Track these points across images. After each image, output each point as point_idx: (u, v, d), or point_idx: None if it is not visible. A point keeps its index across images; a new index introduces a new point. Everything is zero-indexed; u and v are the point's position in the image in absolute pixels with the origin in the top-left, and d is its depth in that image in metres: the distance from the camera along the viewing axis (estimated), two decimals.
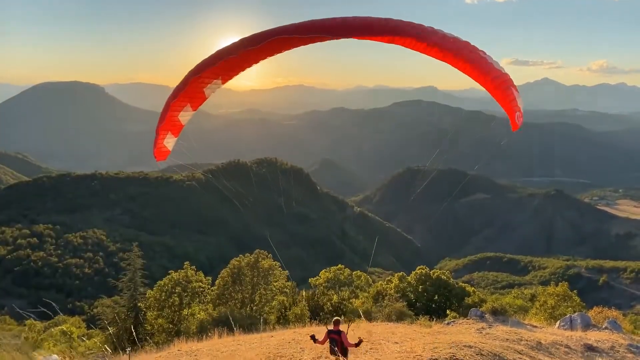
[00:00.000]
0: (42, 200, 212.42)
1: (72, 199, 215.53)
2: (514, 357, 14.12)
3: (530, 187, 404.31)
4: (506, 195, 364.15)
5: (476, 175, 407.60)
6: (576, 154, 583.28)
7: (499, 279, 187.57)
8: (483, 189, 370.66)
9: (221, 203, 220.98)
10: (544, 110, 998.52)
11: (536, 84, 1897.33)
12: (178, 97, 7.64)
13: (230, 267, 36.43)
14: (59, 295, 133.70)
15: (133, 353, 16.88)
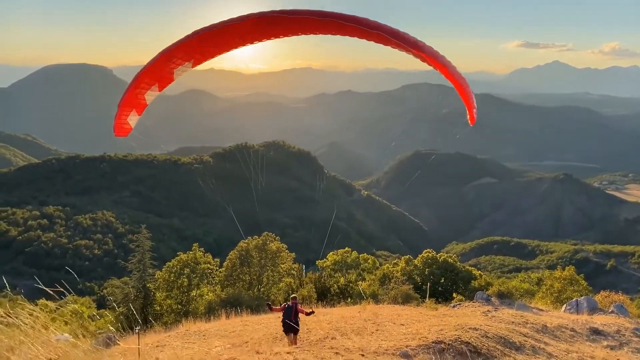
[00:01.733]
0: (51, 182, 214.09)
1: (82, 181, 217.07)
2: (520, 339, 14.20)
3: (539, 172, 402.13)
4: (514, 179, 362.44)
5: (484, 159, 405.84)
6: (586, 138, 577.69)
7: (505, 263, 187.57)
8: (491, 173, 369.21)
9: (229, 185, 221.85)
10: (555, 93, 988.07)
11: (547, 67, 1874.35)
12: (147, 75, 7.49)
13: (238, 249, 36.73)
14: (69, 276, 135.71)
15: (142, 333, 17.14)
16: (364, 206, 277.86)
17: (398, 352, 11.74)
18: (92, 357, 4.48)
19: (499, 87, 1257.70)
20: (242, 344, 13.02)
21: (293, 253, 39.32)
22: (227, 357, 10.50)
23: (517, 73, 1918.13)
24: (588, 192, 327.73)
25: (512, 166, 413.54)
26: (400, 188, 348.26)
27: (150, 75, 7.34)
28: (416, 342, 12.68)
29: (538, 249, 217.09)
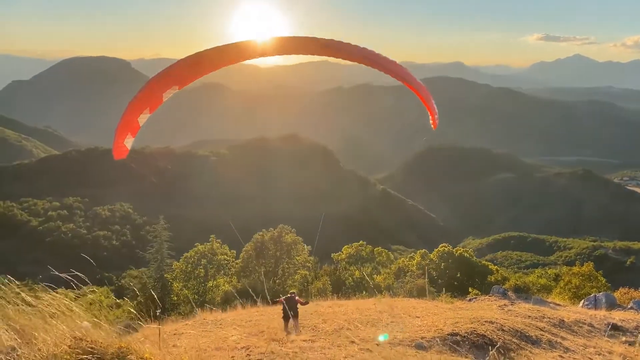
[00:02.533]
0: (71, 173, 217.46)
1: (100, 172, 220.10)
2: (536, 333, 14.12)
3: (558, 167, 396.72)
4: (532, 174, 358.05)
5: (502, 153, 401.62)
6: (607, 133, 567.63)
7: (522, 259, 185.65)
8: (508, 168, 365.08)
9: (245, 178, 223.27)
10: (575, 87, 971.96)
11: (567, 61, 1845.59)
12: (140, 101, 8.47)
13: (254, 240, 37.01)
14: (88, 266, 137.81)
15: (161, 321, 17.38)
16: (379, 200, 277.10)
17: (413, 344, 11.77)
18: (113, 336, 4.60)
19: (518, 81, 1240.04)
20: (258, 333, 13.16)
21: (309, 246, 39.52)
22: (243, 345, 10.63)
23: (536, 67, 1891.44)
24: (608, 187, 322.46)
25: (530, 161, 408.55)
26: (416, 182, 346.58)
27: (142, 101, 8.34)
28: (431, 334, 12.69)
29: (556, 245, 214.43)
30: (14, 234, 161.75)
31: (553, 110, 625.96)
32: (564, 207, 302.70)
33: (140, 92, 8.51)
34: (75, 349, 4.16)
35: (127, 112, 8.47)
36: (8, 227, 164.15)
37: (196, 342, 11.79)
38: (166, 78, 8.65)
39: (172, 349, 6.58)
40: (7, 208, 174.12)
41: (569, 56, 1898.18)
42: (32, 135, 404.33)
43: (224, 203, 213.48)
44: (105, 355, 4.17)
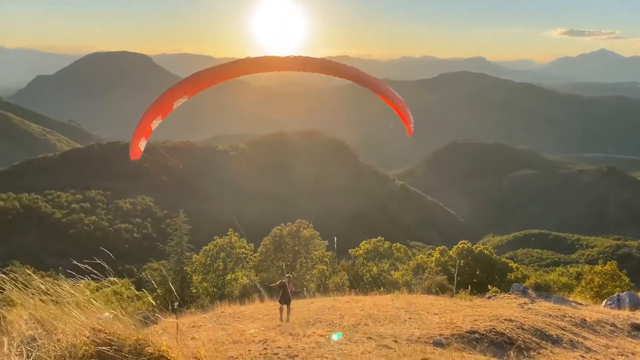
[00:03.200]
0: (93, 166, 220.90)
1: (122, 166, 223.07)
2: (557, 333, 13.90)
3: (581, 163, 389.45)
4: (555, 171, 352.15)
5: (524, 150, 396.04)
6: (632, 130, 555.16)
7: (543, 257, 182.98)
8: (530, 165, 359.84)
9: (264, 173, 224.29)
10: (600, 83, 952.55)
11: (592, 56, 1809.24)
12: (155, 109, 9.86)
13: (272, 234, 37.17)
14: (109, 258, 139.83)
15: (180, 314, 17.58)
16: (398, 196, 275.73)
17: (431, 340, 11.68)
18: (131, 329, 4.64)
19: (541, 76, 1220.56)
20: (275, 326, 13.21)
21: (326, 241, 39.53)
22: (261, 338, 10.68)
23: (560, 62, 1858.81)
24: (633, 185, 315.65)
25: (552, 158, 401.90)
26: (436, 178, 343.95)
27: (157, 109, 9.77)
28: (449, 331, 12.58)
29: (578, 243, 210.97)
30: (38, 226, 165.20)
31: (576, 106, 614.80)
32: (586, 204, 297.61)
33: (154, 103, 9.79)
34: (94, 340, 4.20)
35: (143, 119, 9.74)
36: (33, 219, 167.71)
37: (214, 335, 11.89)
38: (177, 90, 10.02)
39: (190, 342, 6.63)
40: (32, 200, 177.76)
41: (594, 51, 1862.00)
42: (56, 129, 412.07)
43: (242, 197, 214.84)
44: (123, 347, 4.21)
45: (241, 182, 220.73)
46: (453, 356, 9.83)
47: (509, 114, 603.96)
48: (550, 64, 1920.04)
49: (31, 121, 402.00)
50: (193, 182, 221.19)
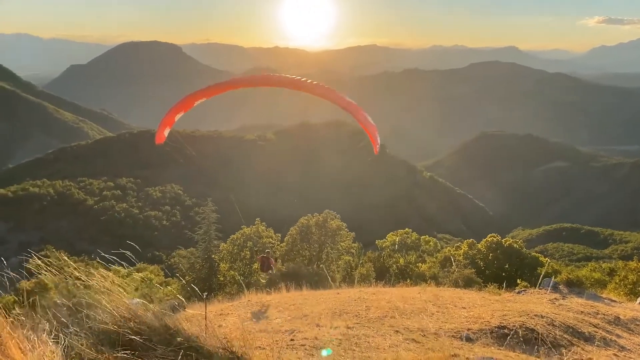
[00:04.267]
0: (124, 154, 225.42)
1: (152, 154, 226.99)
2: (589, 330, 13.56)
3: (617, 156, 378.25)
4: (588, 164, 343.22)
5: (557, 141, 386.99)
6: None
7: (575, 251, 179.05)
8: (563, 157, 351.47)
9: (290, 163, 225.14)
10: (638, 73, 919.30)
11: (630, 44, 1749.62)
12: (180, 106, 11.89)
13: (299, 225, 37.30)
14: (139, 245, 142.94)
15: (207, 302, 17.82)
16: (426, 188, 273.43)
17: (459, 335, 11.54)
18: (161, 319, 4.68)
19: (576, 65, 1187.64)
20: (301, 316, 13.24)
21: (353, 232, 39.47)
22: (287, 328, 10.72)
23: (596, 51, 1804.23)
24: None
25: (586, 150, 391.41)
26: (465, 170, 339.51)
27: (181, 106, 11.80)
28: (478, 326, 12.40)
29: (611, 238, 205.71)
30: (71, 213, 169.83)
31: (613, 97, 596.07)
32: (621, 198, 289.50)
33: (180, 101, 11.77)
34: (125, 329, 4.26)
35: (169, 112, 11.65)
36: (66, 206, 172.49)
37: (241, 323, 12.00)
38: (199, 94, 12.12)
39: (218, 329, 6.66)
40: (66, 187, 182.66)
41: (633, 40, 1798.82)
42: (88, 117, 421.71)
43: (269, 187, 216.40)
44: (153, 336, 4.25)
45: (268, 172, 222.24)
46: (481, 352, 9.69)
47: (541, 105, 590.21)
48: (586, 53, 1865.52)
49: (65, 110, 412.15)
50: (221, 171, 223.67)
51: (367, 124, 12.27)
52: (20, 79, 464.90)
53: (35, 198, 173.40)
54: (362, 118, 12.25)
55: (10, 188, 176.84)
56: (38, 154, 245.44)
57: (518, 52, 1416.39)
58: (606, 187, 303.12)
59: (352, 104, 12.46)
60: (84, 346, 4.03)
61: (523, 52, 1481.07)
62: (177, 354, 4.19)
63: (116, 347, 4.12)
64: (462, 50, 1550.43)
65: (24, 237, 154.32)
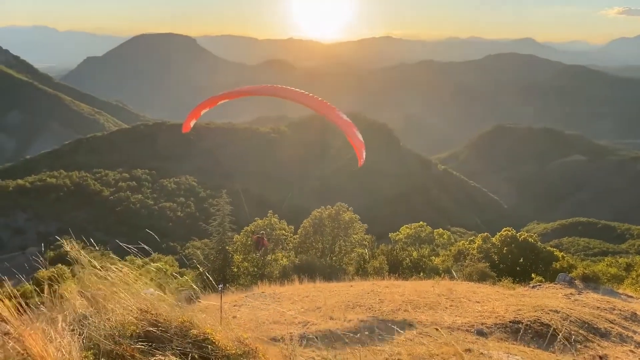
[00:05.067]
0: (139, 146, 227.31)
1: (167, 146, 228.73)
2: (605, 326, 13.43)
3: (635, 150, 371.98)
4: (606, 157, 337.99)
5: (574, 135, 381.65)
6: None
7: (591, 246, 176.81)
8: (580, 150, 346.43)
9: (304, 155, 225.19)
10: None
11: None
12: (206, 104, 13.36)
13: (312, 217, 37.37)
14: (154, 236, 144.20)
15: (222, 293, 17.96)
16: (440, 181, 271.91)
17: (473, 329, 11.50)
18: (176, 310, 4.73)
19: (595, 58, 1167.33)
20: (315, 309, 13.29)
21: (365, 224, 39.44)
22: (301, 320, 10.77)
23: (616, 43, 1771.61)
24: None
25: (604, 143, 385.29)
26: (480, 163, 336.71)
27: (206, 104, 13.24)
28: (492, 321, 12.35)
29: (628, 233, 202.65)
30: (88, 203, 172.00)
31: (632, 90, 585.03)
32: (639, 192, 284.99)
33: (207, 100, 13.37)
34: (142, 321, 4.31)
35: (197, 107, 13.28)
36: (83, 196, 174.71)
37: (255, 314, 12.08)
38: (223, 96, 13.74)
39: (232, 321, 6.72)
40: (82, 178, 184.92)
41: None
42: (104, 109, 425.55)
43: (283, 180, 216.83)
44: (169, 328, 4.29)
45: (281, 165, 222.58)
46: (496, 346, 9.64)
47: (558, 97, 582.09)
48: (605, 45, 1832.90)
49: (81, 101, 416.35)
50: (235, 164, 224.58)
51: (356, 139, 13.07)
52: (38, 71, 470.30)
53: (53, 189, 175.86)
54: (352, 134, 13.20)
55: (28, 179, 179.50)
56: (55, 145, 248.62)
57: (535, 44, 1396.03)
58: (624, 181, 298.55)
59: (348, 122, 13.38)
60: (102, 337, 4.09)
61: (540, 44, 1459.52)
62: (193, 346, 4.24)
63: (133, 338, 4.17)
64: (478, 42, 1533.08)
65: (42, 227, 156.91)
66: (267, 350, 4.75)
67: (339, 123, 12.60)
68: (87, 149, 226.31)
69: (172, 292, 5.59)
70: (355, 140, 12.67)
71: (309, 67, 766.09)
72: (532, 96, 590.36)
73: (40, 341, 3.75)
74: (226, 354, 4.29)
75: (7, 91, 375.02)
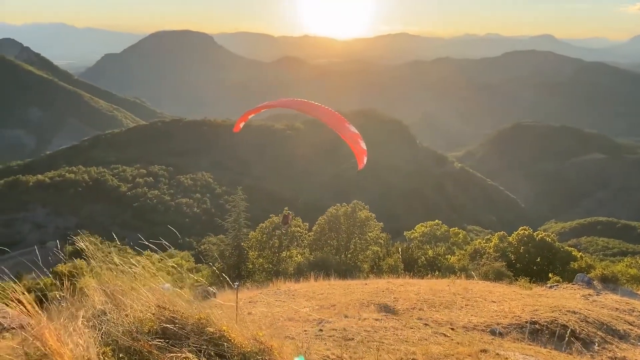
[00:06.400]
0: (157, 142, 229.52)
1: (184, 142, 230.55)
2: (624, 328, 13.23)
3: None
4: (625, 155, 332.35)
5: (593, 133, 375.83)
6: None
7: (609, 246, 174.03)
8: (599, 148, 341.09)
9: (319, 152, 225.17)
10: None
11: None
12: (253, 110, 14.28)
13: (327, 214, 37.36)
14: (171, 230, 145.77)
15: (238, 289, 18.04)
16: (456, 178, 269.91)
17: (488, 329, 11.41)
18: (193, 307, 4.77)
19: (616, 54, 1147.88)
20: (329, 306, 13.30)
21: (381, 223, 39.33)
22: (315, 317, 10.79)
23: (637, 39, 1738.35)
24: None
25: (624, 142, 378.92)
26: (497, 161, 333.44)
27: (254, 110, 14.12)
28: (508, 321, 12.23)
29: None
30: (105, 198, 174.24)
31: None
32: None
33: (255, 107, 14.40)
34: (159, 317, 4.36)
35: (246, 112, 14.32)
36: (101, 192, 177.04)
37: (270, 311, 12.13)
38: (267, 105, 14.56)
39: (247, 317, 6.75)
40: (100, 174, 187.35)
41: None
42: (122, 105, 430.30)
43: (298, 176, 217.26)
44: (185, 325, 4.33)
45: (297, 161, 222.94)
46: (512, 347, 9.55)
47: (577, 95, 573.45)
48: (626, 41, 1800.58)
49: (99, 98, 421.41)
50: (251, 160, 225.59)
51: (359, 147, 13.66)
52: (58, 68, 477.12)
53: (71, 184, 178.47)
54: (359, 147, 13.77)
55: (48, 174, 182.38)
56: (74, 142, 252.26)
57: (554, 41, 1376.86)
58: None
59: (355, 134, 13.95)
60: (120, 333, 4.15)
61: (559, 41, 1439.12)
62: (209, 343, 4.27)
63: (151, 334, 4.22)
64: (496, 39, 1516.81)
65: (61, 221, 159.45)
66: (282, 348, 4.77)
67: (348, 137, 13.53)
68: (105, 145, 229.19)
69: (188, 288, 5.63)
70: (359, 149, 13.25)
71: (324, 65, 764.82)
72: (551, 93, 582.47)
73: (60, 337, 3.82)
74: (242, 352, 4.32)
75: (28, 88, 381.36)
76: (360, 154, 13.71)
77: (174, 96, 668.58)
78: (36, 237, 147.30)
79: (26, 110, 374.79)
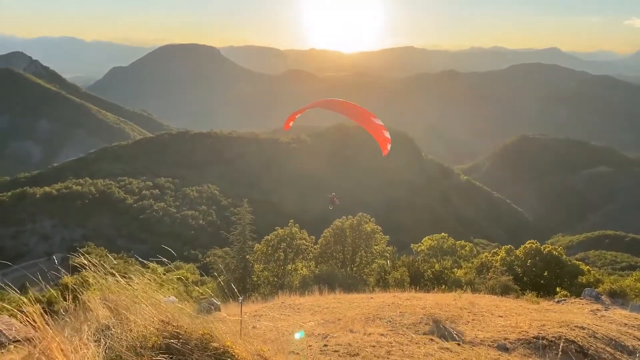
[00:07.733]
0: (163, 155, 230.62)
1: (190, 155, 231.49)
2: (633, 343, 13.05)
3: None
4: (633, 169, 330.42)
5: (599, 146, 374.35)
6: None
7: (618, 260, 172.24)
8: (606, 162, 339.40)
9: (325, 165, 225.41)
10: None
11: None
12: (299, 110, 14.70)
13: (333, 227, 37.28)
14: (176, 243, 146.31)
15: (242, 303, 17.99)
16: (462, 191, 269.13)
17: (495, 344, 11.29)
18: (196, 322, 4.75)
19: (622, 67, 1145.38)
20: (335, 320, 13.21)
21: (387, 236, 39.15)
22: (320, 332, 10.71)
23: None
24: None
25: (632, 155, 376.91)
26: (504, 174, 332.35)
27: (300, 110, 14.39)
28: (515, 336, 12.11)
29: None
30: (112, 211, 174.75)
31: None
32: None
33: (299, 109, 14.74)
34: (163, 332, 4.34)
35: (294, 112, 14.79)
36: (107, 204, 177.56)
37: (274, 325, 12.07)
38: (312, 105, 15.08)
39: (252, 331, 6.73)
40: (107, 186, 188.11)
41: None
42: (129, 118, 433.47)
43: (304, 189, 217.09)
44: (189, 341, 4.31)
45: (303, 174, 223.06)
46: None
47: (583, 108, 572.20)
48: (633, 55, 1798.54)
49: (107, 111, 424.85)
50: (257, 173, 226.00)
51: (383, 137, 14.03)
52: (66, 81, 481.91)
53: (78, 196, 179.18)
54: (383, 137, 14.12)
55: (55, 186, 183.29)
56: (81, 154, 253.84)
57: (560, 54, 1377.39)
58: None
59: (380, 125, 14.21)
60: (124, 348, 4.14)
61: (565, 54, 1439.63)
62: (213, 358, 4.25)
63: (154, 350, 4.20)
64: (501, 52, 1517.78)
65: (67, 233, 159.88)
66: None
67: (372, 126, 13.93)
68: (112, 157, 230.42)
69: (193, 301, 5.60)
70: (381, 137, 13.59)
71: (331, 78, 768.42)
72: (557, 106, 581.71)
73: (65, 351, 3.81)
74: None
75: (37, 100, 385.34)
76: (385, 142, 14.19)
77: (181, 109, 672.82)
78: (43, 249, 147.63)
79: (34, 122, 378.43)
